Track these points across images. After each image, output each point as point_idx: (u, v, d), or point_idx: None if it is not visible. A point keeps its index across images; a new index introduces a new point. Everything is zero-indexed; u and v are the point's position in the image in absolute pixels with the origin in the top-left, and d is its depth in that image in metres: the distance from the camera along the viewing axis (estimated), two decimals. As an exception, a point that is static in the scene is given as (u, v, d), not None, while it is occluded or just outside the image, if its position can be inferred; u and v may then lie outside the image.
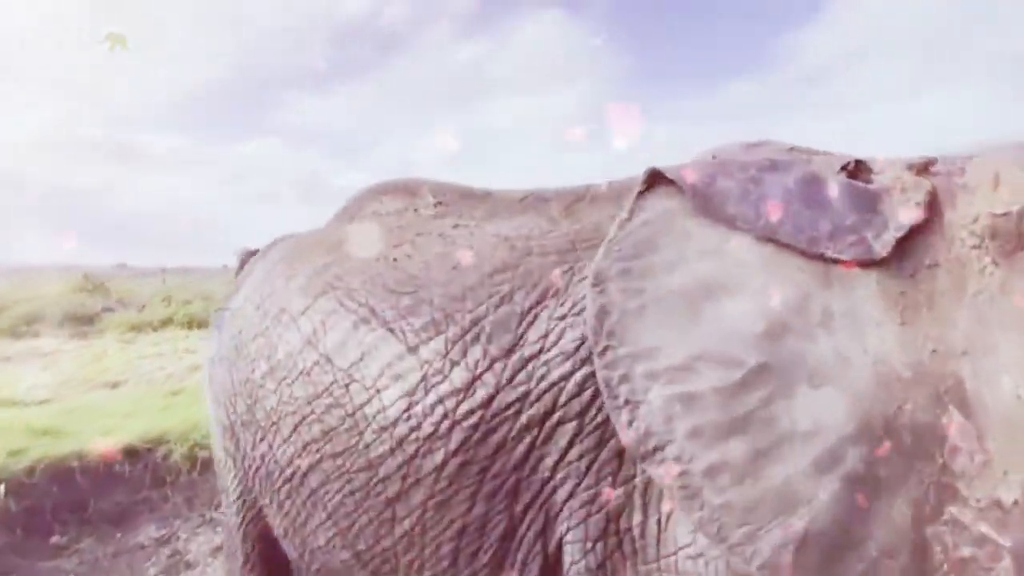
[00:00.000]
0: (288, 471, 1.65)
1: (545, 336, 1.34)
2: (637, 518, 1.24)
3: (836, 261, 1.05)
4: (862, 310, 1.02)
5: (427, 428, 1.39)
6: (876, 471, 0.96)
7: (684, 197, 1.17)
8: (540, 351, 1.34)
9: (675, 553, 1.19)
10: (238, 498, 1.88)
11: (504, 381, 1.35)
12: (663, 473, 1.06)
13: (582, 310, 1.27)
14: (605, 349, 1.13)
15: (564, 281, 1.38)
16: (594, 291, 1.16)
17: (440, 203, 1.85)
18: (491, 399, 1.35)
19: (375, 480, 1.46)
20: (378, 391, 1.48)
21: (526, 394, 1.32)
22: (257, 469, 1.76)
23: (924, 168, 1.12)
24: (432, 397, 1.40)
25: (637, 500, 1.24)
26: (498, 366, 1.36)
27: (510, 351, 1.36)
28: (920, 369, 0.96)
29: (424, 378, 1.43)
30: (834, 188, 1.10)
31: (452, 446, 1.37)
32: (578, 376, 1.28)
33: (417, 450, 1.40)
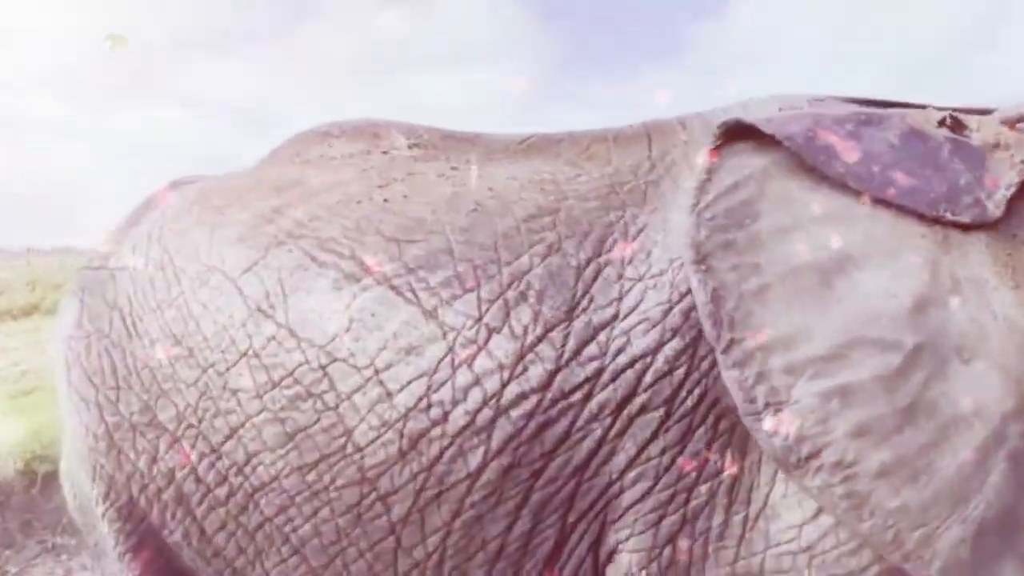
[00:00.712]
0: (221, 492, 1.19)
1: (619, 299, 1.07)
2: (718, 519, 1.04)
3: (954, 224, 0.97)
4: (980, 275, 0.96)
5: (457, 421, 1.05)
6: None
7: (774, 153, 1.02)
8: (614, 317, 1.05)
9: (763, 552, 1.02)
10: (119, 532, 1.33)
11: (568, 355, 1.04)
12: (820, 482, 0.90)
13: (664, 272, 1.06)
14: (730, 344, 0.94)
15: (622, 231, 1.12)
16: (698, 269, 0.97)
17: (416, 145, 1.45)
18: (550, 378, 1.03)
19: (371, 499, 1.08)
20: (377, 372, 1.09)
21: (598, 372, 1.04)
22: (158, 492, 1.26)
23: (1014, 124, 1.07)
24: (464, 377, 1.06)
25: (721, 499, 1.04)
26: (556, 335, 1.05)
27: (570, 315, 1.06)
28: None
29: (450, 351, 1.07)
30: (942, 145, 1.02)
31: (494, 444, 1.04)
32: (667, 351, 1.03)
33: (441, 453, 1.05)
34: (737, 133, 1.04)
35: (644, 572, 1.05)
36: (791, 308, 0.96)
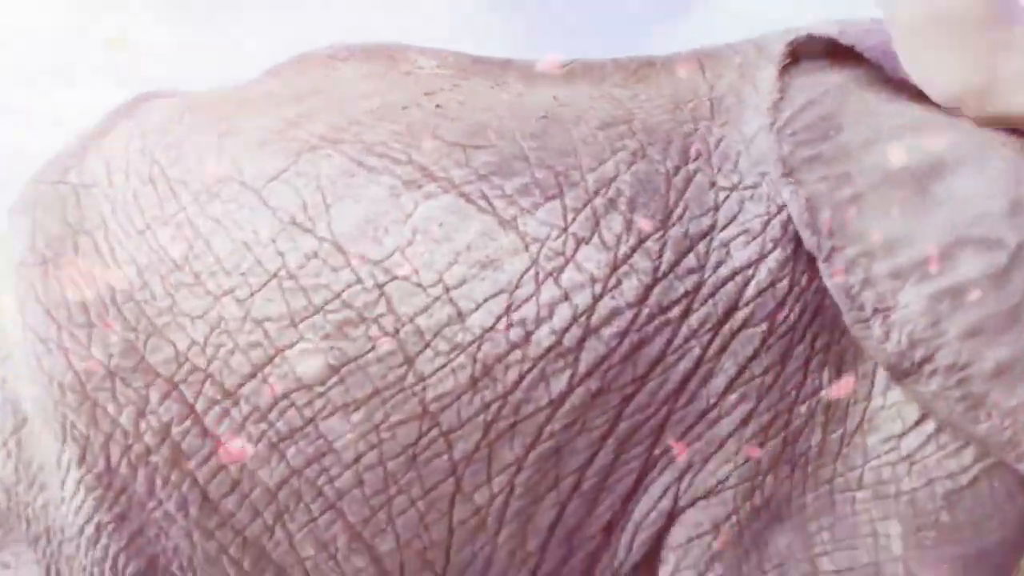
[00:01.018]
0: (235, 446, 1.01)
1: (715, 208, 1.00)
2: (816, 438, 1.00)
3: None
4: None
5: (541, 342, 0.94)
6: None
7: (847, 69, 1.03)
8: (712, 227, 0.98)
9: (861, 466, 1.00)
10: (99, 502, 1.06)
11: (665, 266, 0.96)
12: (935, 387, 0.90)
13: (757, 184, 1.01)
14: (831, 252, 0.93)
15: (702, 141, 1.05)
16: (788, 182, 0.95)
17: (442, 66, 1.30)
18: (647, 292, 0.95)
19: (431, 435, 0.95)
20: (447, 290, 0.96)
21: (698, 285, 0.96)
22: (146, 453, 1.03)
23: None
24: (549, 293, 0.95)
25: (819, 418, 1.00)
26: (652, 245, 0.97)
27: (665, 223, 0.98)
28: None
29: (533, 264, 0.96)
30: None
31: (582, 367, 0.93)
32: (770, 262, 0.97)
33: (521, 378, 0.93)
34: (802, 51, 1.03)
35: (748, 504, 0.99)
36: (889, 214, 0.95)
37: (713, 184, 1.02)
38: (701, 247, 0.99)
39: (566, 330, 0.95)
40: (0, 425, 1.15)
